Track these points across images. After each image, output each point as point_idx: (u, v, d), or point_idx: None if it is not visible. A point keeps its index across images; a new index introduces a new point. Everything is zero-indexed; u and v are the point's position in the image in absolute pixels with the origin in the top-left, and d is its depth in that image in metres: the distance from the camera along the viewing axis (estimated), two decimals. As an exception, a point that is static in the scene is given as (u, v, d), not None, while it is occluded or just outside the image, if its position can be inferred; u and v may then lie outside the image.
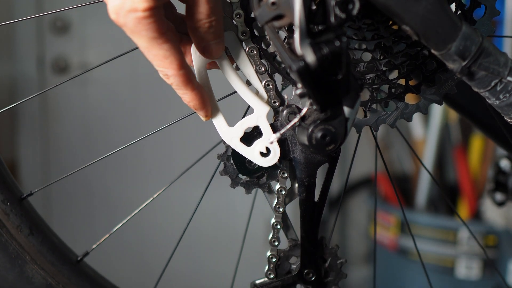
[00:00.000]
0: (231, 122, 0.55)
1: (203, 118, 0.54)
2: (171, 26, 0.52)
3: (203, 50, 0.51)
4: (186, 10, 0.48)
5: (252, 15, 0.54)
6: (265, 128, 0.55)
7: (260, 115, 0.54)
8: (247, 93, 0.54)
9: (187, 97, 0.51)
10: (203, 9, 0.47)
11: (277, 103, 0.55)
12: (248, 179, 0.58)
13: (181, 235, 0.68)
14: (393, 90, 0.57)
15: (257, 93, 0.55)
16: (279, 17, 0.45)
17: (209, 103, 0.53)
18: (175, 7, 0.53)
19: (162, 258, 0.72)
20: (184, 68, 0.49)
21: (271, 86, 0.55)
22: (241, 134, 0.55)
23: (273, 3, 0.45)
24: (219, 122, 0.54)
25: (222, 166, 0.58)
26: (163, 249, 0.85)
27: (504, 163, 0.99)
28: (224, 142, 0.55)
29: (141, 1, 0.43)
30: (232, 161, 0.57)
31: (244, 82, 0.55)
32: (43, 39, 1.97)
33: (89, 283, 0.61)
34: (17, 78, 1.99)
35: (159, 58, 0.47)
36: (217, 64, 0.54)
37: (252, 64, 0.55)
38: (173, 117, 0.64)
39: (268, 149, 0.55)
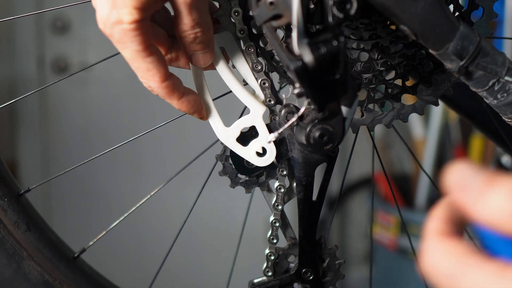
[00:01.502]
0: (229, 122, 0.55)
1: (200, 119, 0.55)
2: (162, 32, 0.52)
3: (189, 60, 0.51)
4: (174, 19, 0.48)
5: (251, 13, 0.54)
6: (261, 128, 0.55)
7: (256, 115, 0.55)
8: (243, 93, 0.54)
9: (174, 105, 0.52)
10: (186, 20, 0.47)
11: (273, 102, 0.55)
12: (247, 178, 0.58)
13: (178, 232, 0.69)
14: (389, 90, 0.58)
15: (253, 93, 0.56)
16: (277, 16, 0.45)
17: (202, 105, 0.53)
18: (168, 11, 0.53)
19: (160, 256, 0.73)
20: (168, 80, 0.49)
21: (266, 84, 0.55)
22: (237, 134, 0.55)
23: (271, 3, 0.45)
24: (215, 122, 0.55)
25: (221, 166, 0.58)
26: (160, 247, 0.85)
27: (505, 159, 0.99)
28: (221, 142, 0.56)
29: (127, 13, 0.44)
30: (230, 161, 0.57)
31: (240, 82, 0.55)
32: (43, 39, 1.97)
33: (85, 280, 0.61)
34: (17, 78, 1.99)
35: (142, 70, 0.48)
36: (213, 65, 0.54)
37: (248, 64, 0.55)
38: (172, 116, 0.64)
39: (264, 149, 0.55)
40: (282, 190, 0.58)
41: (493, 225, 0.27)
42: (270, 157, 0.55)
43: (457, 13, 0.55)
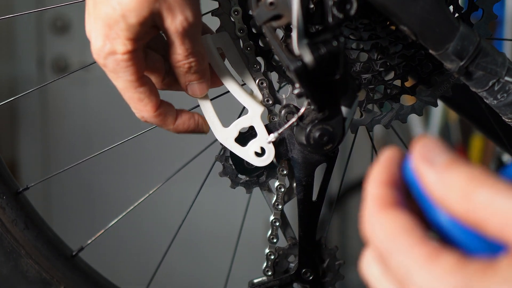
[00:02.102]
0: (227, 122, 0.55)
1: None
2: (157, 57, 0.52)
3: (185, 90, 0.52)
4: (168, 49, 0.48)
5: (250, 13, 0.54)
6: (260, 129, 0.55)
7: (254, 115, 0.55)
8: (241, 94, 0.54)
9: (171, 130, 0.52)
10: (179, 50, 0.47)
11: (271, 102, 0.55)
12: (247, 178, 0.58)
13: (176, 231, 0.69)
14: (388, 91, 0.58)
15: (251, 93, 0.55)
16: (277, 17, 0.45)
17: (199, 121, 0.53)
18: (163, 36, 0.53)
19: (158, 254, 0.73)
20: (160, 109, 0.50)
21: (264, 84, 0.55)
22: (235, 134, 0.55)
23: (271, 3, 0.45)
24: (213, 122, 0.55)
25: (220, 167, 0.58)
26: (159, 246, 0.85)
27: (506, 157, 0.99)
28: (220, 143, 0.56)
29: (120, 44, 0.45)
30: (230, 161, 0.57)
31: (238, 83, 0.55)
32: (43, 39, 1.97)
33: (83, 278, 0.61)
34: (17, 78, 1.99)
35: (134, 101, 0.48)
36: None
37: (246, 64, 0.55)
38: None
39: (263, 149, 0.55)
40: (282, 189, 0.58)
41: (443, 203, 0.26)
42: (269, 157, 0.55)
43: (456, 14, 0.55)
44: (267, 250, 0.60)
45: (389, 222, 0.26)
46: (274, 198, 0.59)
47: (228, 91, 0.55)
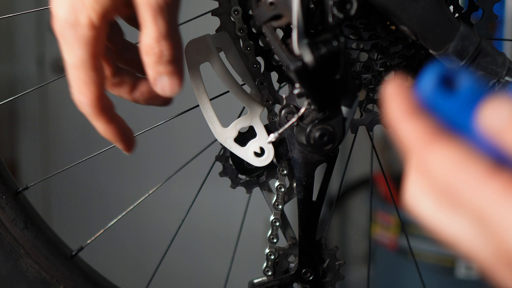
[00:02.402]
0: (227, 122, 0.55)
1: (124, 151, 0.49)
2: (112, 54, 0.47)
3: (154, 85, 0.44)
4: (140, 33, 0.43)
5: (250, 13, 0.54)
6: (259, 129, 0.55)
7: (254, 115, 0.55)
8: (240, 94, 0.54)
9: (99, 128, 0.46)
10: (150, 31, 0.41)
11: (271, 102, 0.55)
12: (247, 178, 0.58)
13: (176, 231, 0.69)
14: (389, 90, 0.57)
15: (251, 93, 0.55)
16: (277, 17, 0.45)
17: (130, 137, 0.48)
18: (123, 32, 0.48)
19: (158, 254, 0.73)
20: (101, 101, 0.44)
21: (264, 84, 0.55)
22: (235, 134, 0.55)
23: (271, 3, 0.45)
24: (212, 122, 0.54)
25: (221, 167, 0.58)
26: (159, 246, 0.86)
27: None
28: (220, 143, 0.56)
29: (85, 17, 0.41)
30: (230, 161, 0.57)
31: (238, 82, 0.55)
32: (43, 39, 1.97)
33: (83, 278, 0.61)
34: (17, 78, 1.99)
35: (79, 83, 0.43)
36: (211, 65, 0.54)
37: (246, 65, 0.55)
38: (171, 114, 0.64)
39: (262, 149, 0.55)
40: (282, 189, 0.58)
41: None
42: (268, 157, 0.55)
43: (457, 14, 0.55)
44: (267, 250, 0.59)
45: (443, 156, 0.23)
46: (274, 198, 0.59)
47: (228, 91, 0.55)
